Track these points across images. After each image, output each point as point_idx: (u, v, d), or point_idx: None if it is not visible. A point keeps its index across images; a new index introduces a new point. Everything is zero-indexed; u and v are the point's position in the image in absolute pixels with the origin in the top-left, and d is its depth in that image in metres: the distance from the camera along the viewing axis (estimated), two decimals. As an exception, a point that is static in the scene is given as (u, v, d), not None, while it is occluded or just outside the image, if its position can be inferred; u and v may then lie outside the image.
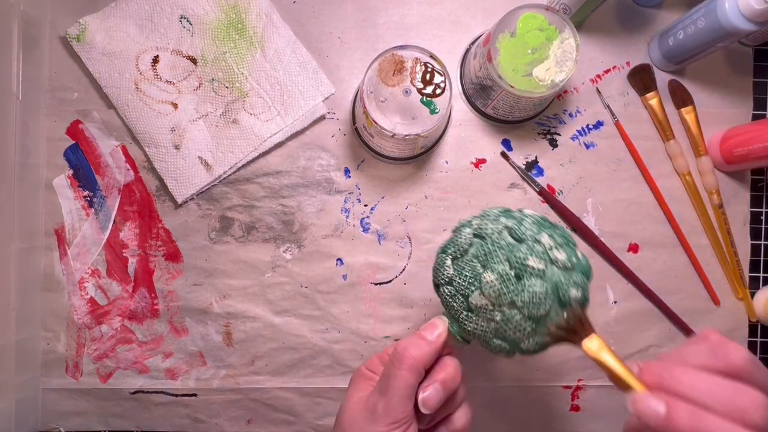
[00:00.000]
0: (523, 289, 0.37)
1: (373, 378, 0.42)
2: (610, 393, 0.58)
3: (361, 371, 0.43)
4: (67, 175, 0.56)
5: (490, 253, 0.38)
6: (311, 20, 0.57)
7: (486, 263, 0.39)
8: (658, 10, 0.59)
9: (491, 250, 0.38)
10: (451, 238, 0.41)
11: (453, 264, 0.41)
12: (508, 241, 0.38)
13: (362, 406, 0.40)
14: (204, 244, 0.57)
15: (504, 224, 0.39)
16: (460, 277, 0.40)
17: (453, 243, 0.41)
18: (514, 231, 0.38)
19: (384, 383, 0.39)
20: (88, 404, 0.57)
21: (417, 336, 0.40)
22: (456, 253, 0.40)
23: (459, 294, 0.40)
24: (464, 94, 0.58)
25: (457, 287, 0.40)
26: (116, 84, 0.55)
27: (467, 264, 0.40)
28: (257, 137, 0.56)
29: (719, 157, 0.57)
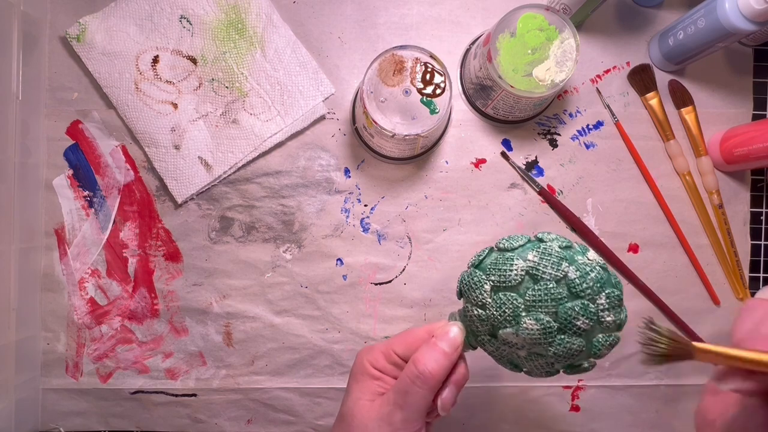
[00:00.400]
0: (561, 343, 0.36)
1: (380, 378, 0.41)
2: (610, 393, 0.58)
3: (366, 368, 0.41)
4: (67, 175, 0.56)
5: (539, 301, 0.35)
6: (311, 20, 0.57)
7: (530, 308, 0.36)
8: (658, 10, 0.59)
9: (542, 299, 0.35)
10: (497, 263, 0.37)
11: (492, 293, 0.37)
12: (562, 294, 0.35)
13: (375, 415, 0.39)
14: (204, 244, 0.57)
15: (565, 273, 0.36)
16: (496, 309, 0.36)
17: (498, 270, 0.37)
18: (575, 286, 0.35)
19: (402, 398, 0.38)
20: (88, 404, 0.57)
21: (435, 349, 0.39)
22: (499, 283, 0.37)
23: (489, 322, 0.37)
24: (464, 94, 0.58)
25: (490, 316, 0.37)
26: (116, 84, 0.55)
27: (510, 301, 0.36)
28: (257, 137, 0.56)
29: (719, 157, 0.57)
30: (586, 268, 0.36)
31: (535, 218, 0.58)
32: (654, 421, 0.59)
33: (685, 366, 0.58)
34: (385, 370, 0.41)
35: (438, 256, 0.57)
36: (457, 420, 0.57)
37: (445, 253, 0.57)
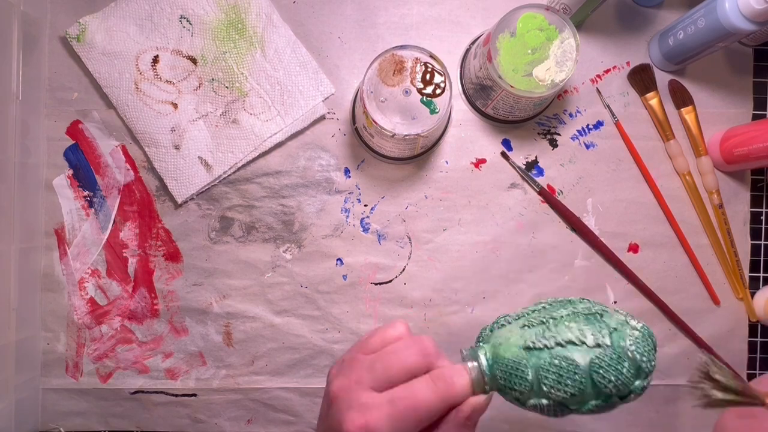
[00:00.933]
0: (586, 410, 0.37)
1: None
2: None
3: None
4: (67, 175, 0.56)
5: (583, 395, 0.35)
6: (311, 20, 0.57)
7: (574, 402, 0.36)
8: (658, 10, 0.59)
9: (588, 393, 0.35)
10: (552, 359, 0.35)
11: (534, 374, 0.35)
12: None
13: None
14: (204, 244, 0.57)
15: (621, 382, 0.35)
16: (535, 386, 0.35)
17: (554, 371, 0.35)
18: (625, 393, 0.36)
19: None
20: (88, 404, 0.57)
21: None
22: (553, 387, 0.35)
23: (519, 391, 0.36)
24: (464, 94, 0.58)
25: (522, 390, 0.36)
26: (116, 84, 0.55)
27: (555, 391, 0.35)
28: (257, 137, 0.56)
29: (719, 157, 0.57)
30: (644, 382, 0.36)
31: (535, 218, 0.58)
32: (654, 421, 0.59)
33: (685, 366, 0.58)
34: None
35: (438, 256, 0.57)
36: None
37: (445, 253, 0.57)
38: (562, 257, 0.58)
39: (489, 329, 0.39)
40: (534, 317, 0.37)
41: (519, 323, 0.37)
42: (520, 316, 0.38)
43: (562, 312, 0.36)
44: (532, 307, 0.39)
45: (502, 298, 0.57)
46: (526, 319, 0.37)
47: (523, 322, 0.37)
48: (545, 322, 0.36)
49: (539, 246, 0.58)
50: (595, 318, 0.36)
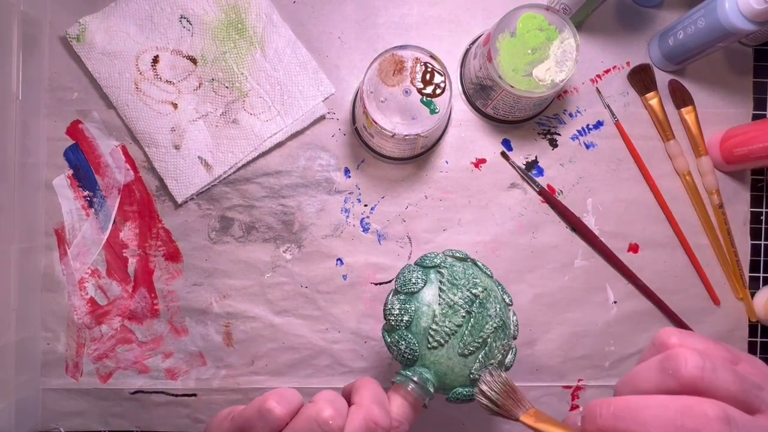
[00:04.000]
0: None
1: None
2: (610, 393, 0.58)
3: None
4: (67, 175, 0.56)
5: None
6: (311, 20, 0.57)
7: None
8: (658, 10, 0.59)
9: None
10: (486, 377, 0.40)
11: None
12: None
13: None
14: (204, 244, 0.57)
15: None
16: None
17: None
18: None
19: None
20: (88, 404, 0.57)
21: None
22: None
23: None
24: (464, 94, 0.58)
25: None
26: (116, 84, 0.55)
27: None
28: (257, 137, 0.56)
29: (719, 157, 0.57)
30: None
31: (535, 218, 0.58)
32: (654, 421, 0.59)
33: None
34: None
35: (438, 256, 0.57)
36: (457, 420, 0.57)
37: (445, 253, 0.57)
38: (562, 257, 0.58)
39: (417, 344, 0.41)
40: (468, 341, 0.41)
41: (455, 346, 0.41)
42: (450, 333, 0.41)
43: (486, 328, 0.42)
44: (447, 297, 0.42)
45: (502, 298, 0.57)
46: (461, 342, 0.41)
47: (459, 345, 0.41)
48: (480, 347, 0.42)
49: (539, 246, 0.58)
50: (506, 327, 0.44)
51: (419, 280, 0.42)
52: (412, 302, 0.42)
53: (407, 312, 0.41)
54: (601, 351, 0.58)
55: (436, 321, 0.41)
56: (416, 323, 0.41)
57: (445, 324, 0.41)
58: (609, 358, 0.58)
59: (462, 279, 0.43)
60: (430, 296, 0.42)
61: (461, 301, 0.42)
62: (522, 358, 0.58)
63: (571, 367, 0.58)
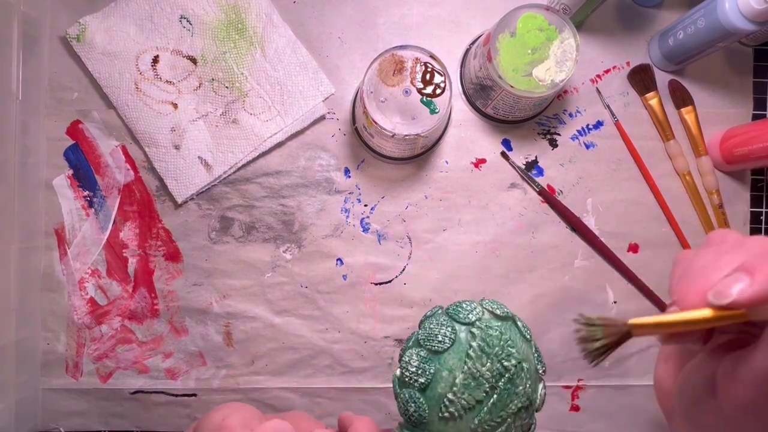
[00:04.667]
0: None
1: None
2: (610, 393, 0.58)
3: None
4: (67, 175, 0.56)
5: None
6: (311, 20, 0.57)
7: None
8: (658, 10, 0.59)
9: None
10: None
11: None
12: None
13: None
14: (204, 244, 0.57)
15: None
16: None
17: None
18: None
19: None
20: (88, 404, 0.57)
21: None
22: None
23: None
24: (464, 94, 0.58)
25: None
26: (116, 84, 0.55)
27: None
28: (257, 137, 0.56)
29: (719, 157, 0.57)
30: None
31: (535, 218, 0.58)
32: (654, 421, 0.59)
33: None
34: None
35: (438, 256, 0.57)
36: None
37: (445, 253, 0.57)
38: (562, 257, 0.58)
39: (428, 409, 0.38)
40: (486, 419, 0.37)
41: (470, 421, 0.37)
42: (467, 408, 0.37)
43: (510, 407, 0.37)
44: (473, 381, 0.37)
45: (502, 298, 0.57)
46: (477, 418, 0.37)
47: (474, 421, 0.37)
48: (497, 425, 0.37)
49: (539, 246, 0.58)
50: (532, 406, 0.39)
51: (446, 338, 0.38)
52: (433, 363, 0.37)
53: (425, 373, 0.37)
54: (601, 351, 0.58)
55: (454, 391, 0.36)
56: (432, 387, 0.37)
57: (464, 396, 0.36)
58: (609, 358, 0.58)
59: (496, 347, 0.37)
60: (454, 360, 0.37)
61: (488, 374, 0.37)
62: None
63: (571, 367, 0.58)
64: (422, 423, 0.37)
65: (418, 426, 0.38)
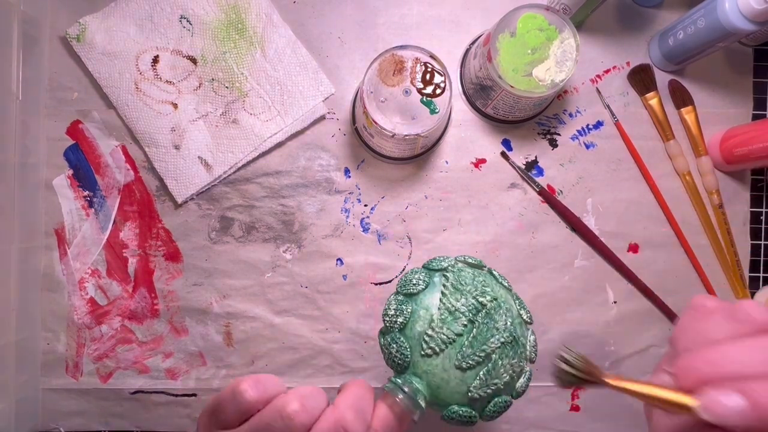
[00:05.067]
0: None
1: None
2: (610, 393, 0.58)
3: None
4: (67, 175, 0.56)
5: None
6: (311, 20, 0.57)
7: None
8: (658, 10, 0.59)
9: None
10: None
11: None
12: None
13: None
14: (204, 244, 0.57)
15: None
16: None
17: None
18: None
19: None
20: (88, 404, 0.57)
21: None
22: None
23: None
24: (464, 94, 0.58)
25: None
26: (116, 84, 0.55)
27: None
28: (257, 137, 0.56)
29: (719, 157, 0.57)
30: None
31: (535, 218, 0.58)
32: (654, 421, 0.59)
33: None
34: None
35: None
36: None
37: (445, 253, 0.57)
38: (562, 257, 0.58)
39: (410, 349, 0.38)
40: (468, 353, 0.37)
41: (452, 357, 0.37)
42: (447, 342, 0.38)
43: (491, 341, 0.38)
44: (447, 302, 0.39)
45: (502, 298, 0.57)
46: (459, 353, 0.37)
47: (457, 356, 0.37)
48: (482, 362, 0.38)
49: (539, 246, 0.58)
50: (517, 345, 0.39)
51: (421, 281, 0.40)
52: (410, 304, 0.39)
53: (402, 313, 0.39)
54: (601, 351, 0.58)
55: (432, 326, 0.38)
56: (411, 326, 0.39)
57: (442, 331, 0.38)
58: (609, 358, 0.58)
59: (469, 285, 0.39)
60: (429, 300, 0.39)
61: (464, 308, 0.38)
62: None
63: (571, 367, 0.58)
64: (407, 363, 0.38)
65: (404, 369, 0.38)
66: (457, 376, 0.37)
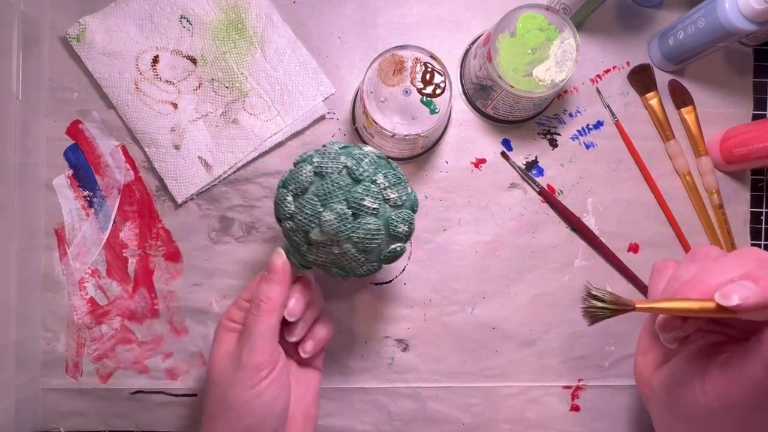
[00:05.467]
0: (359, 226, 0.41)
1: (235, 329, 0.44)
2: (610, 393, 0.58)
3: (222, 323, 0.45)
4: (67, 175, 0.56)
5: (329, 193, 0.41)
6: (311, 20, 0.57)
7: (325, 202, 0.41)
8: (658, 10, 0.59)
9: (331, 190, 0.41)
10: (292, 174, 0.43)
11: (294, 201, 0.42)
12: (346, 181, 0.41)
13: (229, 358, 0.42)
14: (204, 244, 0.57)
15: (344, 164, 0.41)
16: (301, 214, 0.42)
17: (294, 179, 0.42)
18: (353, 171, 0.41)
19: (246, 333, 0.41)
20: (88, 404, 0.57)
21: (265, 278, 0.43)
22: (297, 190, 0.42)
23: (300, 229, 0.42)
24: (464, 94, 0.58)
25: (298, 223, 0.42)
26: (116, 84, 0.55)
27: (308, 202, 0.41)
28: (257, 137, 0.56)
29: (719, 157, 0.57)
30: (360, 156, 0.42)
31: (535, 218, 0.58)
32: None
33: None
34: (239, 320, 0.44)
35: (438, 256, 0.57)
36: (457, 420, 0.57)
37: (445, 253, 0.57)
38: (562, 257, 0.58)
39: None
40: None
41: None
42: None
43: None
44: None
45: (502, 298, 0.57)
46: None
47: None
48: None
49: (539, 246, 0.58)
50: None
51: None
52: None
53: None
54: (601, 351, 0.58)
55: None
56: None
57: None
58: (609, 358, 0.58)
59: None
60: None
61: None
62: (522, 358, 0.58)
63: (571, 367, 0.58)
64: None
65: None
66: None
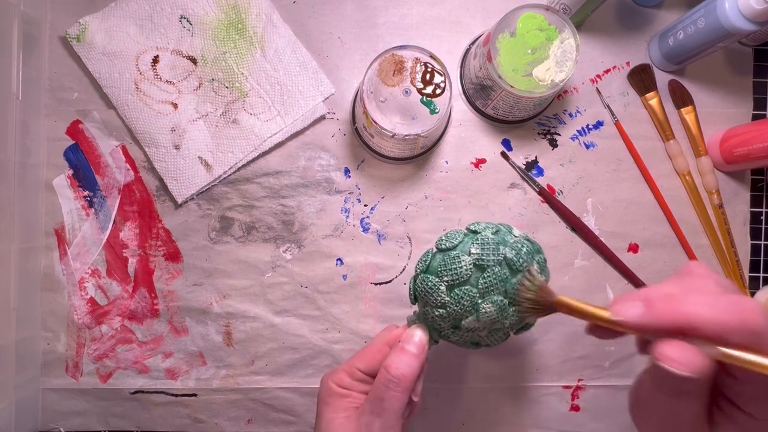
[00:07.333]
0: (514, 314, 0.40)
1: (349, 396, 0.42)
2: (610, 393, 0.58)
3: (333, 389, 0.42)
4: (67, 175, 0.56)
5: (490, 286, 0.39)
6: (311, 20, 0.57)
7: (485, 294, 0.39)
8: (658, 10, 0.59)
9: (492, 283, 0.39)
10: (445, 263, 0.40)
11: (449, 291, 0.40)
12: (506, 273, 0.40)
13: (354, 427, 0.40)
14: (204, 244, 0.57)
15: (503, 255, 0.40)
16: (456, 305, 0.40)
17: (450, 271, 0.40)
18: (513, 263, 0.40)
19: (379, 405, 0.39)
20: (88, 404, 0.57)
21: (405, 353, 0.41)
22: (453, 281, 0.40)
23: (451, 318, 0.40)
24: (464, 94, 0.58)
25: (452, 313, 0.40)
26: (116, 84, 0.55)
27: (466, 294, 0.39)
28: (257, 137, 0.56)
29: (719, 157, 0.57)
30: (518, 245, 0.41)
31: (535, 218, 0.58)
32: (654, 421, 0.59)
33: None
34: (352, 387, 0.42)
35: (438, 256, 0.57)
36: (457, 420, 0.57)
37: (445, 253, 0.57)
38: (562, 257, 0.58)
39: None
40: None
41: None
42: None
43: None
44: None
45: (502, 298, 0.57)
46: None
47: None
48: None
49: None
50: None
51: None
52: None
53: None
54: (601, 351, 0.58)
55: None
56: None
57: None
58: (609, 358, 0.58)
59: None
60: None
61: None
62: (522, 358, 0.58)
63: (571, 367, 0.58)
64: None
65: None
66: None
